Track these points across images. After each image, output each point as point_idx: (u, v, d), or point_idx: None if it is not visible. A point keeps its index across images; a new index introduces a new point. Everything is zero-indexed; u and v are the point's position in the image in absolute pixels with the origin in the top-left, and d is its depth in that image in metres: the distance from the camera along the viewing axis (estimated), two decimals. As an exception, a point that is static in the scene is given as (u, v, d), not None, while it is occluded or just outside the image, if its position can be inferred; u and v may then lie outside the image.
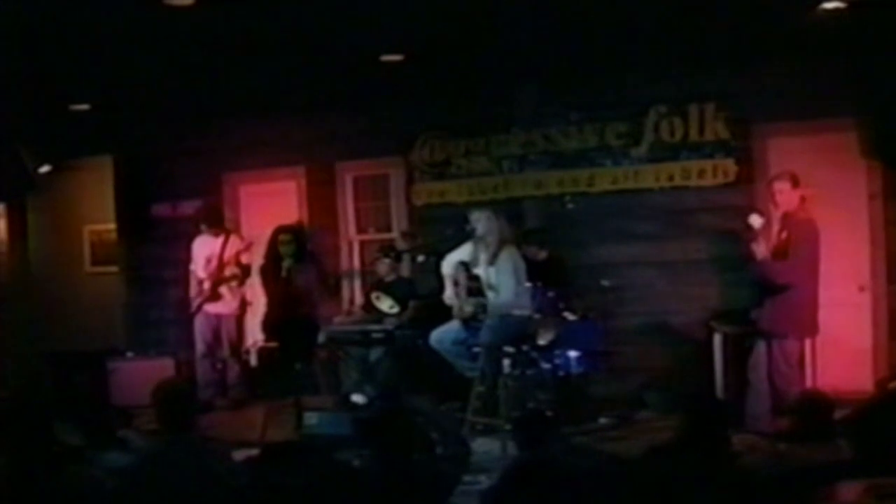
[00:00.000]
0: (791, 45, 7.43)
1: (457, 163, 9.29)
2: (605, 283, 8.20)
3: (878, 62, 7.44)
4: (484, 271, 7.35)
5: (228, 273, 8.96)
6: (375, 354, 8.18)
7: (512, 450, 6.06)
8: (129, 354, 9.76)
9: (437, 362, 7.57)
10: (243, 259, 9.04)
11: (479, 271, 7.37)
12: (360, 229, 9.97)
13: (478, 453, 6.35)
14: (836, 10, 6.49)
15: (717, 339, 7.50)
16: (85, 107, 8.98)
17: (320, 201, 9.90)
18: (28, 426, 3.94)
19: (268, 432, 7.23)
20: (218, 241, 9.01)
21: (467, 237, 7.51)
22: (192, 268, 9.20)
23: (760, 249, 6.77)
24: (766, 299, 6.82)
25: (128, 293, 10.69)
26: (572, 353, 7.68)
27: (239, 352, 9.26)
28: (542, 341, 7.50)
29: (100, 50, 6.90)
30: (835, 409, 4.41)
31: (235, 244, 9.07)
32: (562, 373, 7.62)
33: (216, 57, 7.37)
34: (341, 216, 9.89)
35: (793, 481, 3.78)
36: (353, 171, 9.90)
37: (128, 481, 4.08)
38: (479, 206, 8.11)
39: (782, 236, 6.86)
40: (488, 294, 7.25)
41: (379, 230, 9.87)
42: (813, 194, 7.01)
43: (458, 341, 7.41)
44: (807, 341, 6.90)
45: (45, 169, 10.10)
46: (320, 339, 8.33)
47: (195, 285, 9.10)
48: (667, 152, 8.50)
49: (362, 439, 4.82)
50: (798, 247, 6.70)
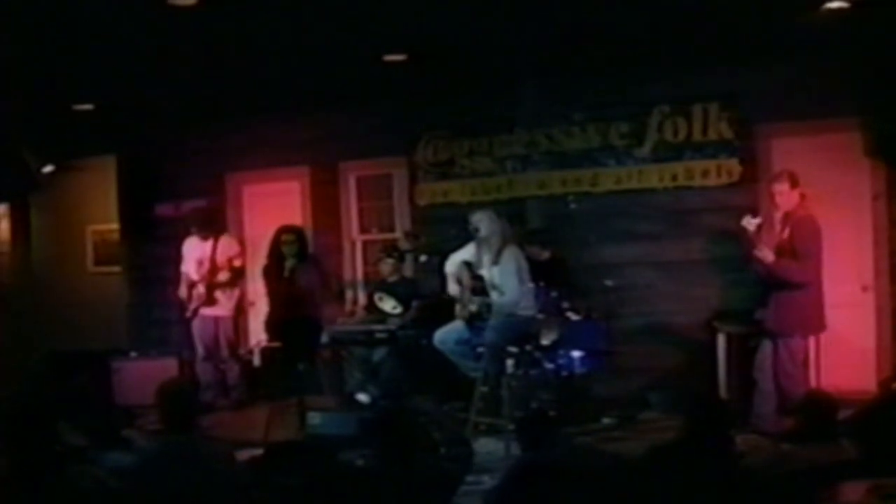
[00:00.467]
0: (794, 44, 7.43)
1: (460, 163, 9.29)
2: (609, 283, 8.19)
3: (882, 62, 7.43)
4: (487, 271, 7.35)
5: (222, 277, 8.96)
6: (379, 354, 8.18)
7: (515, 450, 6.07)
8: (133, 354, 9.76)
9: (440, 362, 7.58)
10: (236, 263, 9.04)
11: (483, 272, 7.38)
12: (363, 229, 9.97)
13: (481, 453, 6.36)
14: (839, 9, 6.49)
15: (721, 339, 7.50)
16: (88, 107, 8.98)
17: (323, 201, 9.90)
18: (31, 426, 3.94)
19: (271, 432, 7.24)
20: (208, 244, 9.00)
21: (471, 237, 7.51)
22: (184, 269, 9.19)
23: (766, 251, 6.76)
24: (772, 299, 6.81)
25: (131, 293, 10.70)
26: (575, 353, 7.68)
27: (238, 353, 9.27)
28: (545, 341, 7.49)
29: (103, 50, 6.90)
30: (839, 410, 4.41)
31: (227, 247, 9.06)
32: (565, 373, 7.62)
33: (220, 57, 7.37)
34: (344, 216, 9.90)
35: (797, 481, 3.78)
36: (357, 171, 9.90)
37: (131, 481, 4.08)
38: (479, 207, 8.10)
39: (784, 235, 6.86)
40: (492, 294, 7.26)
41: (382, 230, 9.87)
42: (816, 194, 7.00)
43: (462, 341, 7.42)
44: (811, 342, 6.89)
45: (48, 169, 10.11)
46: (323, 339, 8.33)
47: (187, 287, 9.07)
48: (670, 152, 8.49)
49: (365, 439, 4.83)
50: (806, 244, 6.70)
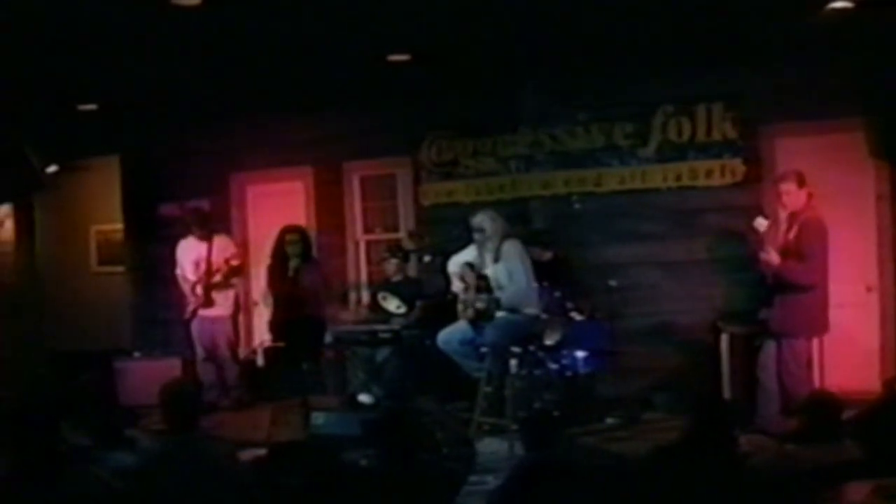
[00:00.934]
0: (799, 44, 7.42)
1: (464, 163, 9.28)
2: (613, 283, 8.18)
3: (886, 62, 7.42)
4: (491, 270, 7.34)
5: (219, 278, 8.95)
6: (382, 355, 8.18)
7: (519, 450, 6.07)
8: (136, 354, 9.78)
9: (444, 362, 7.57)
10: (233, 262, 9.01)
11: (487, 271, 7.37)
12: (367, 229, 9.97)
13: (485, 454, 6.36)
14: (843, 9, 6.48)
15: (725, 339, 7.49)
16: (92, 107, 8.99)
17: (327, 201, 9.90)
18: (35, 426, 3.95)
19: (274, 432, 7.24)
20: (203, 245, 8.96)
21: (473, 238, 7.50)
22: (178, 272, 9.13)
23: (772, 254, 6.74)
24: (777, 299, 6.81)
25: (134, 293, 10.71)
26: (579, 354, 7.67)
27: (237, 353, 9.25)
28: (548, 341, 7.49)
29: (107, 50, 6.90)
30: (843, 410, 4.41)
31: (223, 247, 9.05)
32: (569, 373, 7.61)
33: (223, 57, 7.38)
34: (348, 216, 9.89)
35: (801, 482, 3.78)
36: (361, 170, 9.90)
37: (134, 481, 4.09)
38: (480, 208, 8.03)
39: (790, 236, 6.85)
40: (497, 293, 7.25)
41: (386, 230, 9.87)
42: (820, 194, 6.98)
43: (466, 341, 7.41)
44: (815, 342, 6.88)
45: (52, 169, 10.12)
46: (327, 339, 8.34)
47: (188, 289, 9.04)
48: (674, 152, 8.48)
49: (369, 439, 4.83)
50: (812, 246, 6.69)
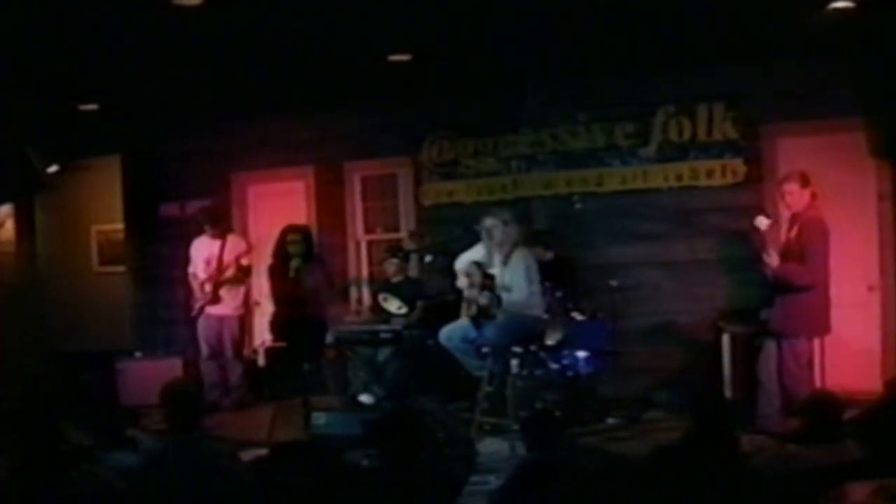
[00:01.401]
0: (800, 44, 7.41)
1: (465, 163, 9.29)
2: (614, 283, 8.19)
3: (888, 61, 7.42)
4: (499, 272, 7.34)
5: (229, 274, 8.96)
6: (384, 355, 8.19)
7: (520, 450, 6.07)
8: (138, 354, 9.78)
9: (445, 362, 7.57)
10: (244, 261, 9.03)
11: (494, 271, 7.37)
12: (368, 229, 9.98)
13: (486, 454, 6.35)
14: (845, 9, 6.47)
15: (726, 339, 7.49)
16: (93, 107, 8.99)
17: (328, 201, 9.91)
18: (36, 426, 3.95)
19: (276, 432, 7.24)
20: (216, 244, 8.99)
21: (477, 237, 7.50)
22: (191, 270, 9.17)
23: (773, 256, 6.74)
24: (778, 299, 6.81)
25: (136, 293, 10.71)
26: (580, 354, 7.68)
27: (242, 353, 9.26)
28: (550, 341, 7.49)
29: (108, 50, 6.91)
30: (844, 410, 4.41)
31: (235, 246, 9.07)
32: (570, 373, 7.62)
33: (224, 56, 7.38)
34: (349, 216, 9.90)
35: (802, 482, 3.78)
36: (362, 170, 9.90)
37: (136, 481, 4.09)
38: (492, 209, 7.94)
39: (791, 235, 6.84)
40: (502, 294, 7.25)
41: (387, 230, 9.88)
42: (822, 194, 6.98)
43: (468, 339, 7.40)
44: (816, 342, 6.88)
45: (53, 169, 10.11)
46: (328, 339, 8.34)
47: (197, 287, 9.07)
48: (675, 152, 8.49)
49: (370, 440, 4.83)
50: (813, 247, 6.68)
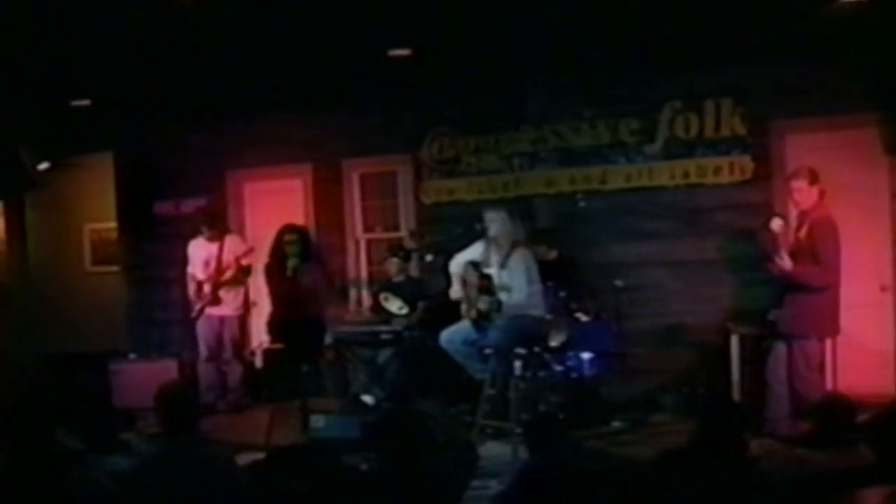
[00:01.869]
0: (810, 38, 7.41)
1: (466, 160, 9.29)
2: (619, 283, 8.18)
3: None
4: (496, 272, 7.35)
5: (229, 275, 8.97)
6: (384, 356, 8.18)
7: (523, 454, 6.07)
8: (132, 356, 9.78)
9: (447, 364, 7.58)
10: (244, 261, 9.04)
11: (492, 271, 7.38)
12: (368, 228, 9.98)
13: (488, 457, 6.35)
14: (856, 3, 6.47)
15: (734, 340, 7.48)
16: (85, 102, 8.99)
17: (327, 199, 9.91)
18: (28, 429, 3.95)
19: (273, 436, 7.24)
20: (214, 245, 9.00)
21: (477, 236, 7.52)
22: (190, 270, 9.20)
23: (786, 259, 6.73)
24: (788, 299, 6.80)
25: (130, 293, 10.71)
26: (585, 355, 7.67)
27: (242, 353, 9.27)
28: (553, 343, 7.50)
29: (101, 44, 6.91)
30: (856, 413, 4.40)
31: (234, 246, 9.08)
32: (574, 375, 7.62)
33: (220, 52, 7.38)
34: (348, 215, 9.90)
35: (812, 487, 3.77)
36: (361, 168, 9.90)
37: (130, 486, 4.09)
38: (494, 205, 8.05)
39: (801, 234, 6.84)
40: (500, 295, 7.25)
41: (387, 229, 9.88)
42: (833, 192, 6.97)
43: (469, 342, 7.41)
44: (827, 343, 6.88)
45: (44, 166, 10.12)
46: (327, 340, 8.34)
47: (194, 288, 9.09)
48: (682, 149, 8.48)
49: (369, 443, 4.83)
50: (826, 247, 6.68)
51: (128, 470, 4.30)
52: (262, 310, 9.22)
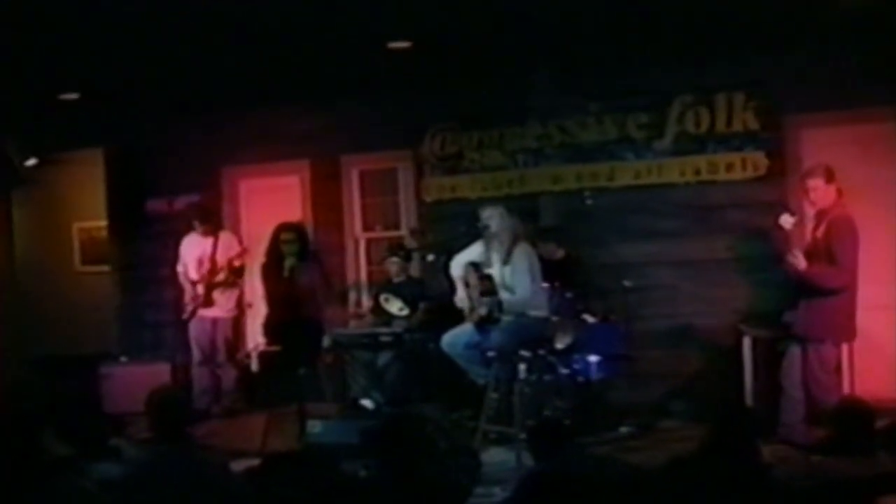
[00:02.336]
0: (825, 30, 7.40)
1: (469, 156, 9.28)
2: (627, 283, 8.18)
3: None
4: (498, 271, 7.35)
5: (222, 277, 8.97)
6: (383, 359, 8.19)
7: (527, 460, 6.06)
8: (123, 359, 9.80)
9: (449, 367, 7.58)
10: (237, 263, 9.04)
11: (493, 271, 7.37)
12: (367, 226, 9.98)
13: (491, 464, 6.35)
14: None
15: (747, 343, 7.48)
16: (74, 96, 8.99)
17: (325, 197, 9.91)
18: (15, 435, 3.94)
19: (269, 441, 7.25)
20: (208, 242, 9.02)
21: (479, 235, 7.51)
22: (180, 269, 9.21)
23: (800, 258, 6.71)
24: (802, 301, 6.79)
25: (121, 294, 10.71)
26: (592, 358, 7.67)
27: (235, 356, 9.27)
28: (559, 345, 7.50)
29: (90, 36, 6.90)
30: (875, 419, 4.39)
31: (228, 246, 9.07)
32: (581, 379, 7.61)
33: (214, 44, 7.37)
34: (347, 212, 9.90)
35: (828, 496, 3.77)
36: (360, 164, 9.90)
37: (120, 493, 4.08)
38: (490, 202, 8.09)
39: (817, 234, 6.83)
40: (503, 294, 7.25)
41: (387, 227, 9.88)
42: (849, 188, 6.96)
43: (472, 345, 7.41)
44: (844, 346, 6.86)
45: (31, 162, 10.13)
46: (325, 342, 8.33)
47: (188, 288, 9.08)
48: (692, 145, 8.47)
49: (368, 449, 4.82)
50: (843, 247, 6.66)
51: (118, 477, 4.29)
52: (258, 311, 9.21)
